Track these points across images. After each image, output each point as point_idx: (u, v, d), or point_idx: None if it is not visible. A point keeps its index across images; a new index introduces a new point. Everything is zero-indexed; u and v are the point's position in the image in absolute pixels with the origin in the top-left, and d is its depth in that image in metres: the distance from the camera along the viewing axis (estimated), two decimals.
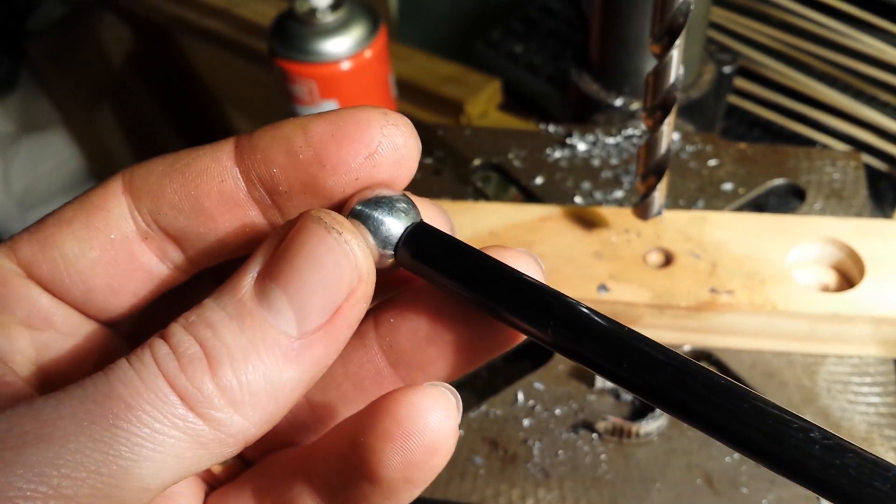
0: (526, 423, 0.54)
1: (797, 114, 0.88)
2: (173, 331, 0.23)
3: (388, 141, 0.25)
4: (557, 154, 0.69)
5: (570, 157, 0.69)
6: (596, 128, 0.70)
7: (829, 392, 0.53)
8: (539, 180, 0.67)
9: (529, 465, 0.51)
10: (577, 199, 0.65)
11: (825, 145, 0.85)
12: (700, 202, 0.64)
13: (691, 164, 0.67)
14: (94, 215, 0.26)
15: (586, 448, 0.52)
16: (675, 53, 0.47)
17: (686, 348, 0.56)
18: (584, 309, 0.24)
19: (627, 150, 0.69)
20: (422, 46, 1.09)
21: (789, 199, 0.67)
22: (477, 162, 0.69)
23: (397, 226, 0.25)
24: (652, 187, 0.53)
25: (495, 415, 0.54)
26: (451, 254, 0.26)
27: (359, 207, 0.25)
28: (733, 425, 0.22)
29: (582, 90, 0.73)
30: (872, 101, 0.86)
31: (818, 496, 0.49)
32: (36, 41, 1.37)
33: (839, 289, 0.56)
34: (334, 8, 0.80)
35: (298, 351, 0.23)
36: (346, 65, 0.80)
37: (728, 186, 0.65)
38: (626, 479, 0.50)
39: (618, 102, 0.72)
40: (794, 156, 0.67)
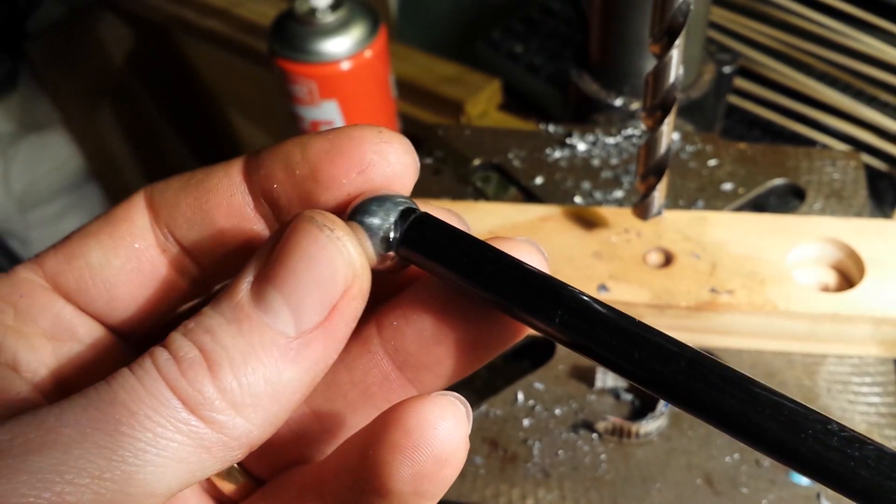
0: (526, 423, 0.54)
1: (797, 114, 0.88)
2: (173, 338, 0.23)
3: (381, 158, 0.25)
4: (557, 154, 0.69)
5: (570, 157, 0.69)
6: (596, 128, 0.70)
7: (829, 392, 0.53)
8: (539, 180, 0.67)
9: (529, 465, 0.51)
10: (577, 199, 0.65)
11: (825, 145, 0.85)
12: (700, 202, 0.64)
13: (691, 164, 0.67)
14: (118, 226, 0.27)
15: (586, 448, 0.52)
16: (674, 53, 0.47)
17: None
18: (592, 300, 0.24)
19: (627, 150, 0.69)
20: (422, 46, 1.09)
21: (789, 199, 0.67)
22: (477, 162, 0.69)
23: (396, 224, 0.25)
24: (652, 187, 0.53)
25: (495, 415, 0.54)
26: (454, 244, 0.25)
27: (357, 207, 0.25)
28: (750, 417, 0.21)
29: (582, 90, 0.73)
30: (872, 101, 0.86)
31: (818, 496, 0.49)
32: (36, 41, 1.37)
33: (839, 289, 0.56)
34: (334, 8, 0.80)
35: (297, 350, 0.23)
36: (346, 65, 0.80)
37: (728, 186, 0.65)
38: (626, 479, 0.50)
39: (618, 102, 0.72)
40: (794, 156, 0.67)
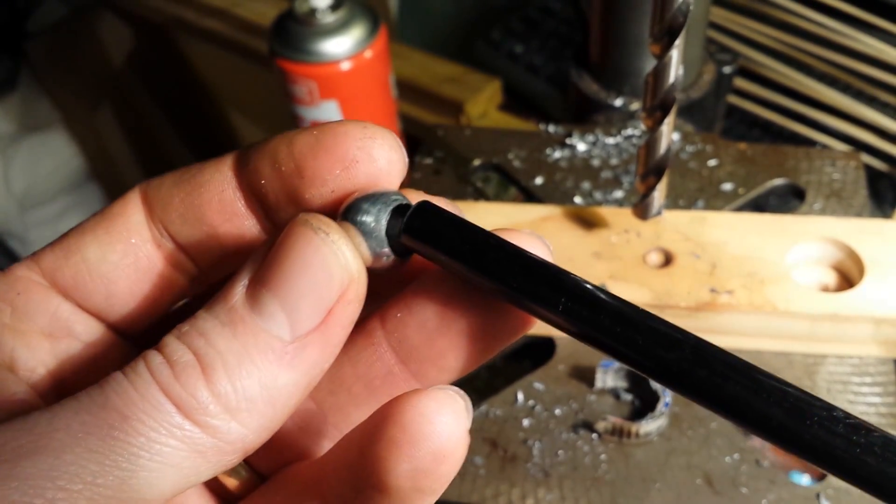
0: (526, 423, 0.54)
1: (797, 114, 0.88)
2: (167, 342, 0.23)
3: (364, 154, 0.25)
4: (557, 154, 0.69)
5: (570, 158, 0.69)
6: (596, 128, 0.70)
7: (829, 392, 0.53)
8: (539, 180, 0.67)
9: (529, 465, 0.51)
10: (577, 199, 0.65)
11: (825, 145, 0.85)
12: (700, 202, 0.64)
13: (691, 164, 0.67)
14: (114, 222, 0.27)
15: (586, 448, 0.52)
16: (674, 53, 0.47)
17: None
18: (596, 288, 0.24)
19: (627, 150, 0.69)
20: (422, 46, 1.09)
21: (789, 199, 0.67)
22: (477, 162, 0.69)
23: (390, 220, 0.25)
24: (652, 187, 0.53)
25: (495, 415, 0.54)
26: (457, 232, 0.25)
27: (349, 206, 0.25)
28: (755, 404, 0.21)
29: (582, 90, 0.73)
30: (872, 101, 0.86)
31: (818, 495, 0.49)
32: (36, 41, 1.37)
33: (839, 289, 0.56)
34: (334, 8, 0.80)
35: (293, 354, 0.23)
36: (346, 65, 0.79)
37: (728, 186, 0.65)
38: (626, 479, 0.50)
39: (618, 102, 0.72)
40: (794, 156, 0.67)
